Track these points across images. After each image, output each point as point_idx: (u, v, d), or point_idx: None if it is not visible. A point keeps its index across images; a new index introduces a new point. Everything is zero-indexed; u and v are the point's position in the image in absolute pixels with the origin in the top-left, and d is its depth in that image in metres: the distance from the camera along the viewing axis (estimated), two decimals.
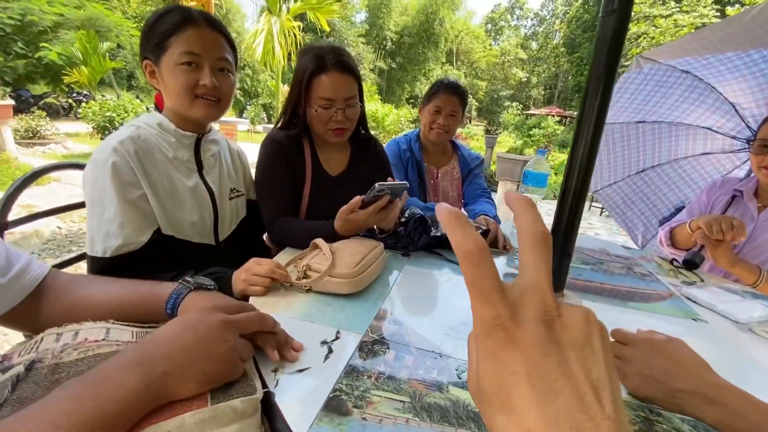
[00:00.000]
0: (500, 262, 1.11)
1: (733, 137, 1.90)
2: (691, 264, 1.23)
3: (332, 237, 0.96)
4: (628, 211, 2.22)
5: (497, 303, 0.21)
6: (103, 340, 0.48)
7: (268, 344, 0.55)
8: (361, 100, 1.18)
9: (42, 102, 11.27)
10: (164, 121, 0.91)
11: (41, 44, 9.86)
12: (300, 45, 5.63)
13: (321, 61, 1.06)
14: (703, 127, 1.94)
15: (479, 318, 0.21)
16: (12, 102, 6.07)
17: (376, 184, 0.90)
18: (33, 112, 7.65)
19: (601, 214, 6.74)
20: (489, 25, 43.65)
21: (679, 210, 1.75)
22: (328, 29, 6.53)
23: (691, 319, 0.87)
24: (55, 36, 10.46)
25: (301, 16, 5.86)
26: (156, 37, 0.84)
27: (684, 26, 12.44)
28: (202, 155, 0.97)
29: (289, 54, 5.57)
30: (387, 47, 28.60)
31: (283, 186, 1.15)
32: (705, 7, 12.57)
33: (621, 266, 1.19)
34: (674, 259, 1.31)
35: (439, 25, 28.01)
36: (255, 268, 0.78)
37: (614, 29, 0.76)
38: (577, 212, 0.77)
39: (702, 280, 1.16)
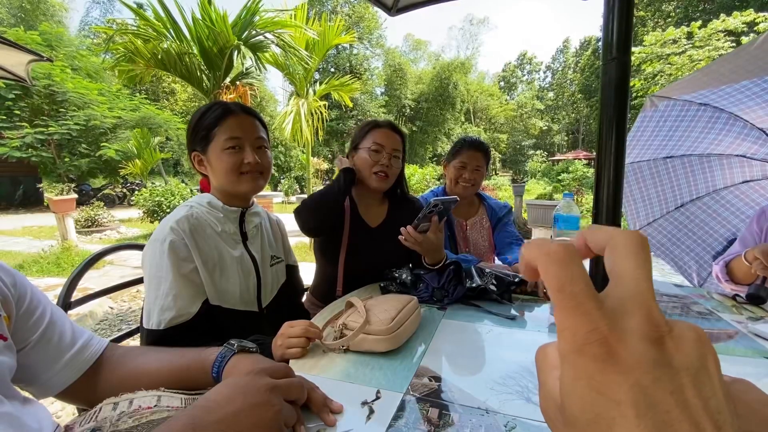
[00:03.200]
0: (542, 312, 1.07)
1: None
2: (756, 299, 1.13)
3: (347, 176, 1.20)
4: (675, 249, 2.09)
5: (593, 313, 0.17)
6: (155, 406, 0.50)
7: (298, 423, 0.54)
8: (403, 162, 1.37)
9: (101, 193, 12.54)
10: (213, 199, 1.01)
11: (102, 144, 11.19)
12: (325, 121, 6.12)
13: (377, 121, 1.38)
14: (737, 155, 1.88)
15: (569, 331, 0.17)
16: (75, 196, 6.81)
17: (432, 200, 1.08)
18: (92, 203, 8.50)
19: None
20: (502, 83, 45.69)
21: (731, 242, 1.63)
22: (351, 105, 7.09)
23: (764, 358, 0.79)
24: (113, 135, 11.88)
25: (326, 96, 6.42)
26: (202, 130, 0.97)
27: (701, 60, 12.45)
28: (246, 227, 1.05)
29: (316, 130, 6.03)
30: (406, 113, 30.23)
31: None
32: (718, 40, 12.63)
33: (675, 306, 1.11)
34: (737, 295, 1.20)
35: (453, 88, 29.53)
36: (289, 331, 0.80)
37: (618, 74, 0.80)
38: None
39: None
